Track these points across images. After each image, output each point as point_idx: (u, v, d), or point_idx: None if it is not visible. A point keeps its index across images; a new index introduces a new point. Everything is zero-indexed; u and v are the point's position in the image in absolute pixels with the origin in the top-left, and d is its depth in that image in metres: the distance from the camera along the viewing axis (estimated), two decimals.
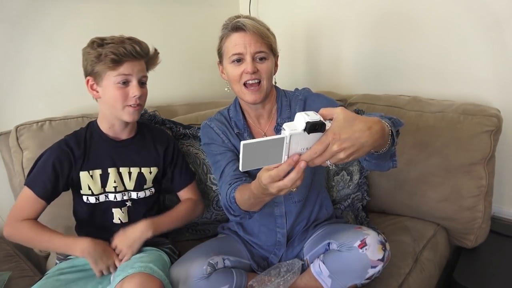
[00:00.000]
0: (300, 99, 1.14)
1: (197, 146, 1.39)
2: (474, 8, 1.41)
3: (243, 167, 0.70)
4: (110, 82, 1.05)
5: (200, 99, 1.83)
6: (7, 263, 1.19)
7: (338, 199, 1.48)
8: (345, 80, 1.84)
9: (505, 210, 1.54)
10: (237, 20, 1.02)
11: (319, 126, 0.71)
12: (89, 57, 1.04)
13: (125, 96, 1.05)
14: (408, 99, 1.51)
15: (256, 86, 1.04)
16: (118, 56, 1.02)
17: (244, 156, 0.68)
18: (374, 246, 0.98)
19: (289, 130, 0.70)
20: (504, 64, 1.40)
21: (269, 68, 1.05)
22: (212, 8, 1.93)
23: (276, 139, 0.70)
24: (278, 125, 1.12)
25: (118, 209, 1.14)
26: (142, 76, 1.09)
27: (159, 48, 1.16)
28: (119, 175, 1.14)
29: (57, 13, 1.42)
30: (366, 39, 1.72)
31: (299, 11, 1.89)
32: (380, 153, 0.83)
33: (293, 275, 1.06)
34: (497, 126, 1.28)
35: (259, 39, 1.02)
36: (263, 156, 0.71)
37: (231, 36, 1.04)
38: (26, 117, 1.29)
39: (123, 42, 1.04)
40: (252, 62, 1.02)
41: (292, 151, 0.72)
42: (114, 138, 1.14)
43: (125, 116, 1.07)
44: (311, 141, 0.73)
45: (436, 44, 1.53)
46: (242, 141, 0.67)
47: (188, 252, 1.09)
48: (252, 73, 1.02)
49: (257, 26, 1.01)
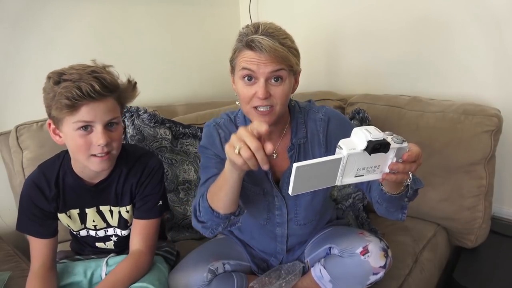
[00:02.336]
0: (321, 119, 1.01)
1: (196, 145, 1.39)
2: (474, 8, 1.41)
3: (294, 191, 0.63)
4: (70, 129, 0.87)
5: (200, 99, 1.83)
6: (7, 263, 1.19)
7: (340, 198, 1.48)
8: (345, 80, 1.84)
9: (505, 210, 1.53)
10: (251, 37, 0.85)
11: (383, 146, 0.64)
12: (46, 97, 0.88)
13: (88, 144, 0.88)
14: (408, 99, 1.50)
15: (269, 111, 0.89)
16: (71, 100, 0.82)
17: (296, 179, 0.61)
18: (376, 253, 0.97)
19: (347, 149, 0.63)
20: (504, 64, 1.40)
21: (285, 91, 0.89)
22: (212, 8, 1.93)
23: (332, 160, 0.64)
24: (293, 145, 1.01)
25: (102, 243, 1.09)
26: (110, 119, 0.88)
27: (159, 48, 1.14)
28: (99, 214, 1.04)
29: (57, 13, 1.41)
30: (366, 39, 1.72)
31: (299, 11, 1.89)
32: (393, 195, 0.83)
33: (295, 277, 1.06)
34: (498, 126, 1.28)
35: (276, 59, 0.85)
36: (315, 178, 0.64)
37: (244, 52, 0.88)
38: (26, 117, 1.29)
39: (80, 79, 0.84)
40: (265, 86, 0.86)
41: (347, 171, 0.66)
42: (89, 182, 1.00)
43: (91, 166, 0.91)
44: (370, 161, 0.67)
45: (437, 44, 1.53)
46: (294, 163, 0.61)
47: (187, 258, 1.07)
48: (263, 99, 0.87)
49: (276, 48, 0.84)
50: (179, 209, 1.36)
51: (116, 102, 0.92)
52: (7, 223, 1.42)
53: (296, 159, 1.01)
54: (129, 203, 1.03)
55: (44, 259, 0.98)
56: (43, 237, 0.99)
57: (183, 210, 1.37)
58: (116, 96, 0.91)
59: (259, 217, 1.06)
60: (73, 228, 1.05)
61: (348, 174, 0.67)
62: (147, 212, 1.03)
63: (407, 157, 0.70)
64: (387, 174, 0.72)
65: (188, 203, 1.37)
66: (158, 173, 1.05)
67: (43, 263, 0.98)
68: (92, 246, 1.10)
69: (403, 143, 0.69)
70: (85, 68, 0.88)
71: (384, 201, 0.89)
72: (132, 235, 1.04)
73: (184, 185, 1.37)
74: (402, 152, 0.70)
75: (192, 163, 1.38)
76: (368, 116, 1.46)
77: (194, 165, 1.37)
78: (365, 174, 0.70)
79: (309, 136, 1.02)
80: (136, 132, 1.30)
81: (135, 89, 0.97)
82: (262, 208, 1.05)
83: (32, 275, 0.96)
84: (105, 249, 1.11)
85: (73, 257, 1.11)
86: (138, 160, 1.04)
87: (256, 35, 0.85)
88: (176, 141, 1.37)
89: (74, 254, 1.13)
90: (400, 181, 0.75)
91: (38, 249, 0.98)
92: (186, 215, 1.37)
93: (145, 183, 1.03)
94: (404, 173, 0.73)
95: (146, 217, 1.03)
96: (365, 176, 0.71)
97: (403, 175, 0.73)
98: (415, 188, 0.87)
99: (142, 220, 1.03)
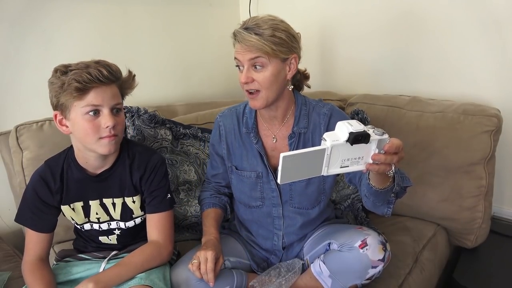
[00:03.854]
0: (325, 114, 1.09)
1: (197, 145, 1.39)
2: (474, 9, 1.41)
3: (282, 180, 0.67)
4: (78, 114, 0.92)
5: (200, 99, 1.83)
6: (7, 263, 1.19)
7: (338, 199, 1.48)
8: (345, 80, 1.84)
9: (505, 210, 1.54)
10: (235, 31, 0.99)
11: (363, 137, 0.67)
12: (53, 88, 0.92)
13: (97, 128, 0.92)
14: (408, 99, 1.51)
15: (255, 94, 1.00)
16: (82, 83, 0.88)
17: (284, 168, 0.65)
18: (375, 246, 0.98)
19: (331, 140, 0.67)
20: (504, 64, 1.40)
21: (267, 76, 0.98)
22: (212, 8, 1.93)
23: (317, 150, 0.67)
24: (293, 133, 1.08)
25: (105, 237, 1.10)
26: (115, 103, 0.95)
27: (159, 48, 1.15)
28: (102, 207, 1.06)
29: (57, 13, 1.42)
30: (366, 38, 1.72)
31: (299, 11, 1.89)
32: (379, 190, 0.86)
33: (294, 275, 1.06)
34: (497, 126, 1.28)
35: (250, 49, 0.96)
36: (302, 168, 0.68)
37: (236, 44, 1.01)
38: (26, 117, 1.30)
39: (88, 67, 0.91)
40: (247, 72, 0.98)
41: (332, 162, 0.70)
42: (92, 173, 1.03)
43: (100, 149, 0.95)
44: (353, 152, 0.70)
45: (436, 44, 1.53)
46: (281, 153, 0.65)
47: (189, 253, 1.09)
48: (244, 83, 0.99)
49: (248, 39, 0.95)
50: (180, 210, 1.36)
51: (118, 90, 0.98)
52: (7, 223, 1.42)
53: (295, 146, 1.08)
54: (134, 194, 1.06)
55: (39, 252, 1.01)
56: (40, 230, 1.01)
57: (184, 210, 1.37)
58: (118, 84, 0.98)
59: (256, 198, 1.13)
60: (77, 221, 1.07)
61: (333, 164, 0.70)
62: (158, 206, 1.07)
63: (387, 148, 0.73)
64: (370, 165, 0.76)
65: (188, 203, 1.37)
66: (162, 168, 1.09)
67: (39, 255, 1.01)
68: (96, 241, 1.11)
69: (384, 135, 0.72)
70: (92, 60, 0.95)
71: (371, 195, 0.92)
72: (148, 229, 1.08)
73: (184, 185, 1.37)
74: (383, 143, 0.73)
75: (192, 163, 1.38)
76: (368, 117, 1.46)
77: (194, 165, 1.37)
78: (350, 165, 0.74)
79: (311, 127, 1.09)
80: (136, 133, 1.30)
81: (134, 80, 1.03)
82: (259, 190, 1.12)
83: (29, 265, 0.99)
84: (108, 244, 1.11)
85: (75, 255, 1.11)
86: (140, 152, 1.08)
87: (240, 29, 0.98)
88: (177, 142, 1.37)
89: (76, 253, 1.13)
90: (382, 171, 0.78)
91: (33, 242, 1.01)
92: (187, 215, 1.37)
93: (150, 178, 1.06)
94: (386, 164, 0.76)
95: (158, 211, 1.08)
96: (350, 167, 0.74)
97: (385, 165, 0.76)
98: (402, 185, 0.89)
99: (155, 214, 1.08)
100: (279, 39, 0.97)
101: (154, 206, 1.07)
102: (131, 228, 1.11)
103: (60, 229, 1.14)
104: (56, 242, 1.27)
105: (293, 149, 1.08)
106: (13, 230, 1.41)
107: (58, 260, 1.12)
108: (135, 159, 1.06)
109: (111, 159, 1.04)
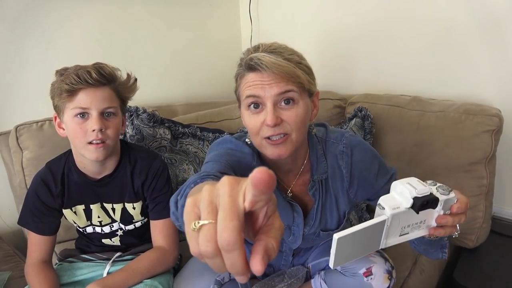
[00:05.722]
0: (342, 152, 0.88)
1: (196, 144, 1.39)
2: (474, 9, 1.40)
3: (335, 264, 0.57)
4: (69, 116, 0.91)
5: (200, 99, 1.83)
6: (7, 263, 1.19)
7: None
8: (345, 79, 1.84)
9: (506, 210, 1.53)
10: (250, 56, 0.75)
11: (431, 202, 0.57)
12: (52, 89, 0.93)
13: (84, 131, 0.90)
14: (409, 99, 1.50)
15: (281, 140, 0.77)
16: (69, 85, 0.88)
17: (338, 251, 0.55)
18: (380, 276, 0.93)
19: (390, 209, 0.57)
20: (504, 64, 1.39)
21: (300, 115, 0.76)
22: (212, 8, 1.93)
23: (376, 224, 0.57)
24: (314, 182, 0.90)
25: (108, 239, 1.10)
26: (106, 107, 0.92)
27: (159, 48, 1.14)
28: (103, 210, 1.06)
29: (57, 13, 1.42)
30: (366, 38, 1.71)
31: (299, 11, 1.89)
32: (432, 239, 0.75)
33: (297, 281, 1.05)
34: (498, 126, 1.28)
35: (282, 78, 0.74)
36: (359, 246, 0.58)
37: (246, 76, 0.78)
38: (26, 117, 1.30)
39: (80, 69, 0.90)
40: (274, 110, 0.74)
41: (391, 232, 0.60)
42: (91, 177, 1.02)
43: (87, 154, 0.92)
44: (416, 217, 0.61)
45: (437, 43, 1.52)
46: (335, 234, 0.54)
47: (192, 265, 1.04)
48: (273, 126, 0.75)
49: (279, 63, 0.73)
50: None
51: (114, 94, 0.95)
52: (7, 223, 1.42)
53: (320, 196, 0.91)
54: (135, 200, 1.05)
55: (42, 254, 1.01)
56: (43, 233, 1.01)
57: None
58: (113, 87, 0.95)
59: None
60: (79, 225, 1.07)
61: (392, 234, 0.61)
62: (161, 213, 1.06)
63: (456, 209, 0.63)
64: (435, 229, 0.65)
65: None
66: (163, 174, 1.07)
67: (42, 257, 1.01)
68: (99, 245, 1.11)
69: (450, 193, 0.63)
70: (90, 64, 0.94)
71: (422, 244, 0.81)
72: (153, 235, 1.08)
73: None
74: (449, 203, 0.64)
75: (191, 162, 1.37)
76: (370, 114, 1.46)
77: (193, 164, 1.37)
78: (410, 232, 0.64)
79: (330, 171, 0.90)
80: (135, 132, 1.30)
81: (134, 84, 1.00)
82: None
83: (32, 268, 0.99)
84: (111, 245, 1.11)
85: (78, 256, 1.11)
86: (142, 158, 1.06)
87: (260, 52, 0.75)
88: (176, 141, 1.37)
89: (79, 253, 1.13)
90: (448, 234, 0.67)
91: (36, 244, 1.01)
92: None
93: (152, 184, 1.05)
94: (453, 226, 0.66)
95: (162, 217, 1.06)
96: (411, 233, 0.64)
97: (451, 228, 0.66)
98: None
99: (158, 220, 1.06)
100: (307, 67, 0.80)
101: (157, 213, 1.06)
102: (133, 230, 1.10)
103: (60, 229, 1.14)
104: (56, 241, 1.27)
105: (318, 200, 0.91)
106: (13, 230, 1.41)
107: (61, 260, 1.12)
108: (136, 164, 1.05)
109: (111, 165, 1.02)
